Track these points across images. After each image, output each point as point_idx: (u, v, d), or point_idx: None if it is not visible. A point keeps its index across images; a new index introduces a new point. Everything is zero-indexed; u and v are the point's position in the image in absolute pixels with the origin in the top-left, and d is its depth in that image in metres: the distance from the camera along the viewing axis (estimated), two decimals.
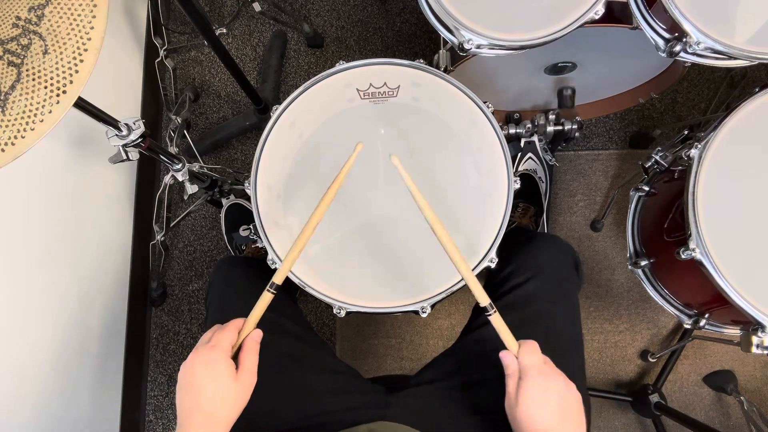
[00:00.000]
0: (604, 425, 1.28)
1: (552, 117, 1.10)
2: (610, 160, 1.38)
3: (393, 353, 1.34)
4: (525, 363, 0.56)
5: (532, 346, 0.58)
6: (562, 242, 0.83)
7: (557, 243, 0.82)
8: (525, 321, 0.61)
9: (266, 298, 0.60)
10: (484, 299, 0.59)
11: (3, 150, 0.55)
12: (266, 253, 0.76)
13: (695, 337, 1.24)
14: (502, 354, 0.59)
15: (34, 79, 0.57)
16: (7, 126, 0.56)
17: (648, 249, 0.96)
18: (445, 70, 0.94)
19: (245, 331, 0.59)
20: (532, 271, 0.76)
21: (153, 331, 1.39)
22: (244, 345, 0.58)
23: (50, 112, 0.56)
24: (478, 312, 0.80)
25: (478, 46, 0.81)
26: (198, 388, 0.54)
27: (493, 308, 0.59)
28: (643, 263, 0.94)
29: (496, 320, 0.59)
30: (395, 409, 0.71)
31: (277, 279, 0.60)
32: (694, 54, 0.79)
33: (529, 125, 1.12)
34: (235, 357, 0.58)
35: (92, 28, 0.58)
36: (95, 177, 1.19)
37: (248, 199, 0.85)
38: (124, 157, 0.84)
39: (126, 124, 0.81)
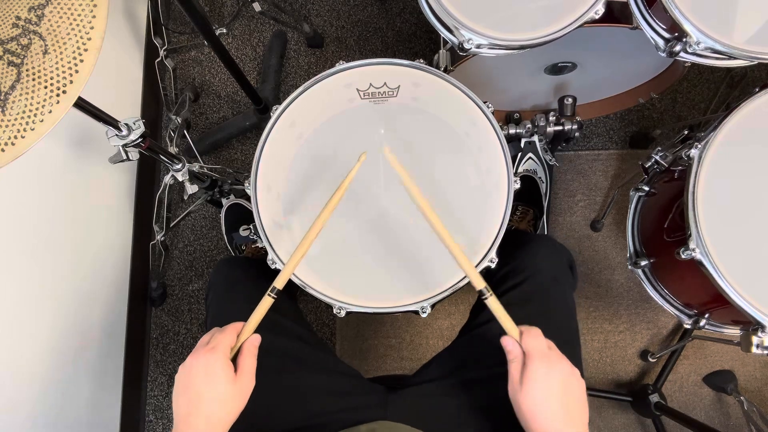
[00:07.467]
0: (604, 425, 1.28)
1: (552, 117, 1.10)
2: (610, 160, 1.38)
3: (393, 353, 1.34)
4: (529, 347, 0.56)
5: (535, 331, 0.58)
6: (556, 243, 0.83)
7: (552, 244, 0.83)
8: (522, 321, 0.61)
9: (266, 302, 0.60)
10: (479, 283, 0.59)
11: (3, 150, 0.55)
12: (266, 253, 0.76)
13: (695, 337, 1.24)
14: (504, 339, 0.58)
15: (34, 79, 0.57)
16: (7, 126, 0.56)
17: (648, 249, 0.96)
18: (445, 70, 0.93)
19: (244, 335, 0.59)
20: (529, 272, 0.77)
21: (153, 331, 1.39)
22: (242, 348, 0.58)
23: (50, 112, 0.56)
24: (478, 311, 0.80)
25: (478, 46, 0.81)
26: (196, 390, 0.54)
27: (489, 292, 0.59)
28: (643, 263, 0.94)
29: (493, 304, 0.59)
30: (395, 408, 0.71)
31: (278, 284, 0.60)
32: (694, 54, 0.79)
33: (529, 125, 1.12)
34: (234, 359, 0.58)
35: (92, 28, 0.58)
36: (95, 177, 1.19)
37: (248, 199, 0.85)
38: (124, 157, 0.84)
39: (126, 124, 0.81)
